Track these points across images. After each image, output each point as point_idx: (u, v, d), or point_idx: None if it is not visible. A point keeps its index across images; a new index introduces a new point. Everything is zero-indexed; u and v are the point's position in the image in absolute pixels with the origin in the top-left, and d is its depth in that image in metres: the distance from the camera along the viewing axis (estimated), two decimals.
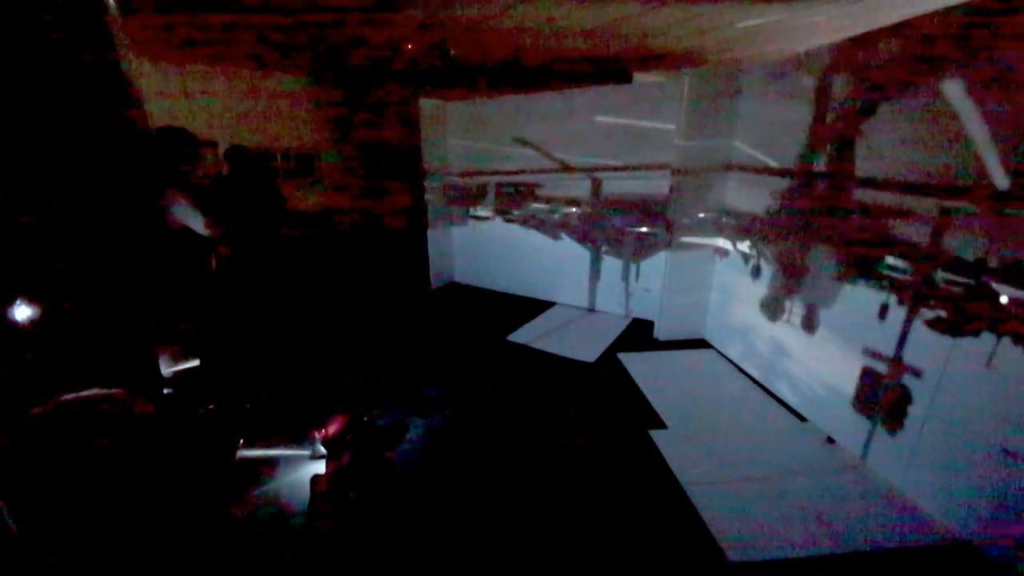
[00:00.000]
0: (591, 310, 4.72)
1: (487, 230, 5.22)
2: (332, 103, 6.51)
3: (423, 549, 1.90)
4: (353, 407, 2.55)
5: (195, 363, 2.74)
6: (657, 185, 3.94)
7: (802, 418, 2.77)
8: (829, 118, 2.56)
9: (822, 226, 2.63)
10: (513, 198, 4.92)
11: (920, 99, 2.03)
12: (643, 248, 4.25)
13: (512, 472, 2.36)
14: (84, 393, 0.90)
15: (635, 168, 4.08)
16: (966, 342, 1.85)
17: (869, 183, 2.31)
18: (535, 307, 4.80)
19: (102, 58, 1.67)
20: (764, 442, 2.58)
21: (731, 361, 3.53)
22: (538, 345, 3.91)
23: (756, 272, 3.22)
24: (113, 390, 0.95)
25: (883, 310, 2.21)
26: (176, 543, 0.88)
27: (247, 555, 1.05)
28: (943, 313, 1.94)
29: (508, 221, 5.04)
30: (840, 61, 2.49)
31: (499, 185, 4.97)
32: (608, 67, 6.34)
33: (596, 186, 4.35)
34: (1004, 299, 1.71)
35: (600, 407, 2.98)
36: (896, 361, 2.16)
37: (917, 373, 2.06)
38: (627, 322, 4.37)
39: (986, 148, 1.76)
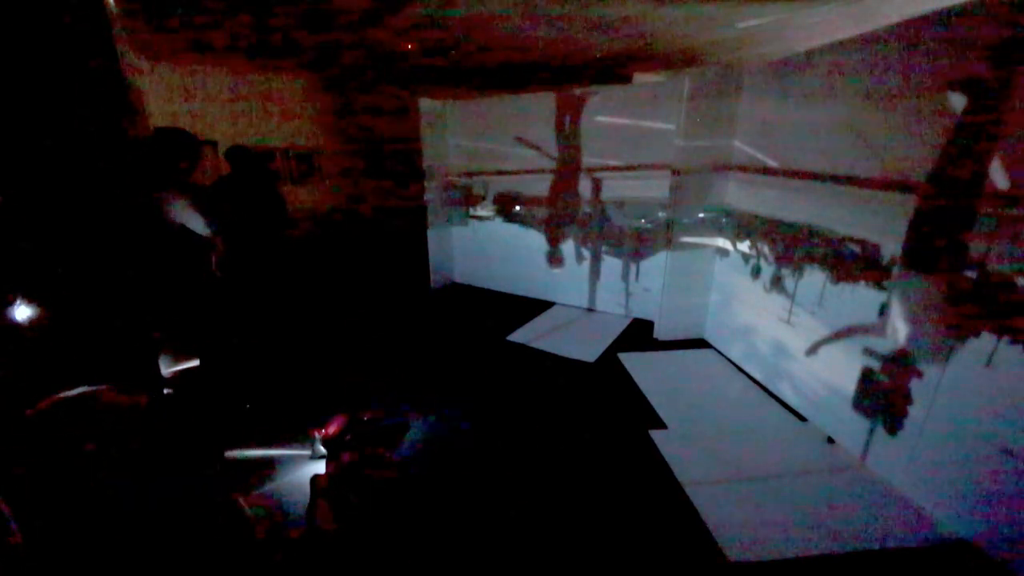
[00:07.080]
0: (591, 310, 4.72)
1: (487, 230, 5.22)
2: (332, 103, 6.52)
3: (423, 549, 1.90)
4: (353, 407, 2.55)
5: (195, 363, 2.74)
6: (657, 185, 3.95)
7: (802, 418, 2.77)
8: None
9: None
10: (512, 198, 4.92)
11: None
12: (643, 248, 4.25)
13: (512, 472, 2.36)
14: (72, 392, 0.89)
15: (635, 168, 4.08)
16: (966, 342, 1.85)
17: None
18: (535, 307, 4.80)
19: (102, 59, 1.67)
20: (764, 442, 2.58)
21: (731, 361, 3.53)
22: (538, 345, 3.91)
23: (756, 272, 3.22)
24: (100, 387, 0.94)
25: (883, 310, 2.21)
26: (176, 542, 0.88)
27: (246, 555, 1.05)
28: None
29: (508, 221, 5.04)
30: None
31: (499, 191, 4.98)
32: (608, 67, 6.34)
33: (596, 186, 4.35)
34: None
35: (600, 407, 2.98)
36: (896, 361, 2.16)
37: (917, 373, 2.06)
38: (627, 322, 4.37)
39: None
